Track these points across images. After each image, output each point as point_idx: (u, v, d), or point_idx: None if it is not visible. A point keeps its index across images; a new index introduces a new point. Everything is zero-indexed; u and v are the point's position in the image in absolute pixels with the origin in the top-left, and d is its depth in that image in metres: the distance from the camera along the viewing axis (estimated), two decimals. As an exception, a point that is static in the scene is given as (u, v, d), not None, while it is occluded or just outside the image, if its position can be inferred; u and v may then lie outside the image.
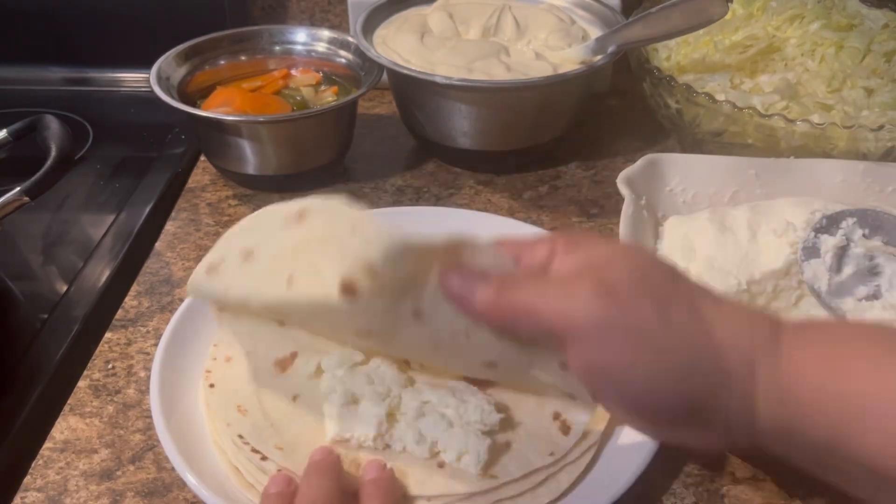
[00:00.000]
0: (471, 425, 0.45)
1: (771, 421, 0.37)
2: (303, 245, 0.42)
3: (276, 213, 0.45)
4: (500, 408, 0.47)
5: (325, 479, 0.43)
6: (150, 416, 0.49)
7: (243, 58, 0.81)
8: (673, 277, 0.39)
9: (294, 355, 0.50)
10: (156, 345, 0.53)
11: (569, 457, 0.46)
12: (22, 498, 0.47)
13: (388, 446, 0.46)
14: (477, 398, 0.46)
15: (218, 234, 0.69)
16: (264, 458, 0.45)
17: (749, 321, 0.38)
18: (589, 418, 0.47)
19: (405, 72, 0.71)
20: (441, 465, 0.45)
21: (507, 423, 0.47)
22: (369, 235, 0.39)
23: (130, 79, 0.96)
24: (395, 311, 0.41)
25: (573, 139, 0.82)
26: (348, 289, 0.39)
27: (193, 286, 0.47)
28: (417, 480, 0.44)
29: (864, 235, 0.56)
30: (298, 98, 0.78)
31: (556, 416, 0.47)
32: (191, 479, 0.44)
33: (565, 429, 0.47)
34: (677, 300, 0.37)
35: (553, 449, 0.46)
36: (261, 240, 0.44)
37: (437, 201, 0.74)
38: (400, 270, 0.39)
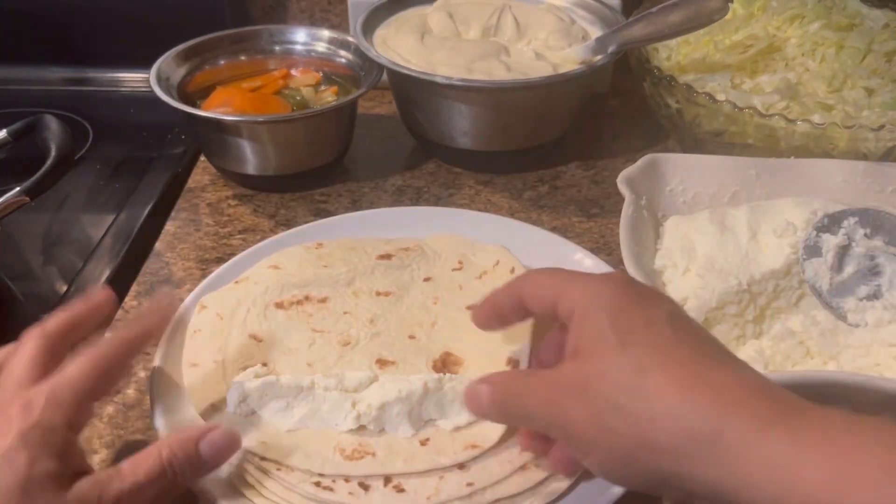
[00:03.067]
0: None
1: None
2: None
3: None
4: None
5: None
6: (149, 417, 0.49)
7: (243, 58, 0.81)
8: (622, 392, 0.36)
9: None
10: (155, 345, 0.53)
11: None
12: (22, 498, 0.47)
13: (363, 427, 0.47)
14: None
15: (218, 234, 0.69)
16: (264, 458, 0.45)
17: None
18: None
19: (405, 72, 0.71)
20: (423, 443, 0.46)
21: None
22: None
23: (130, 79, 0.96)
24: None
25: (573, 139, 0.82)
26: None
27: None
28: (404, 459, 0.45)
29: (865, 235, 0.56)
30: (298, 98, 0.78)
31: None
32: (190, 480, 0.44)
33: None
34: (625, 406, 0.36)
35: None
36: None
37: (437, 201, 0.74)
38: None
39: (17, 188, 0.63)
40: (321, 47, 0.81)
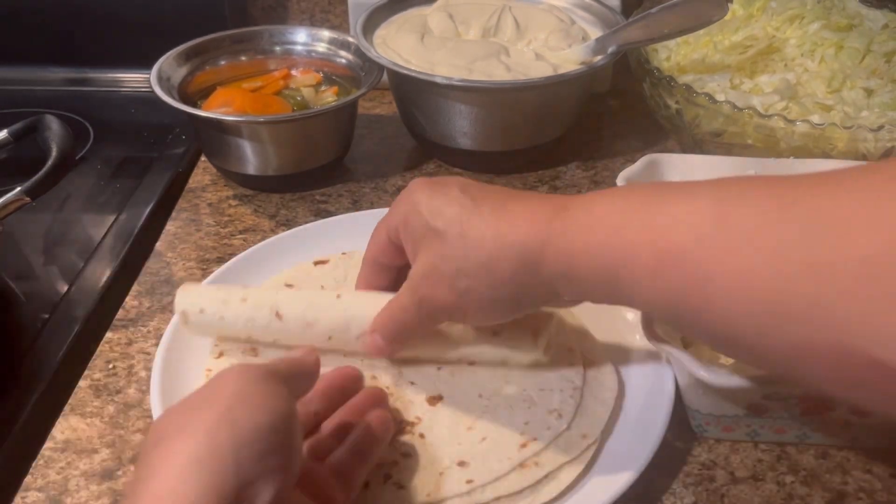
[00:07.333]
0: None
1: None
2: None
3: None
4: None
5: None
6: (150, 416, 0.49)
7: (244, 58, 0.81)
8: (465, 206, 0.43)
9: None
10: (156, 345, 0.54)
11: (569, 455, 0.46)
12: (23, 498, 0.48)
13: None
14: None
15: (218, 235, 0.69)
16: None
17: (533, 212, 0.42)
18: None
19: (405, 72, 0.71)
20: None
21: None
22: None
23: (131, 79, 0.96)
24: None
25: (573, 139, 0.82)
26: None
27: None
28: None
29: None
30: (299, 98, 0.78)
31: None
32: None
33: None
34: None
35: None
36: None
37: (438, 201, 0.74)
38: None
39: (18, 188, 0.63)
40: (321, 48, 0.82)
